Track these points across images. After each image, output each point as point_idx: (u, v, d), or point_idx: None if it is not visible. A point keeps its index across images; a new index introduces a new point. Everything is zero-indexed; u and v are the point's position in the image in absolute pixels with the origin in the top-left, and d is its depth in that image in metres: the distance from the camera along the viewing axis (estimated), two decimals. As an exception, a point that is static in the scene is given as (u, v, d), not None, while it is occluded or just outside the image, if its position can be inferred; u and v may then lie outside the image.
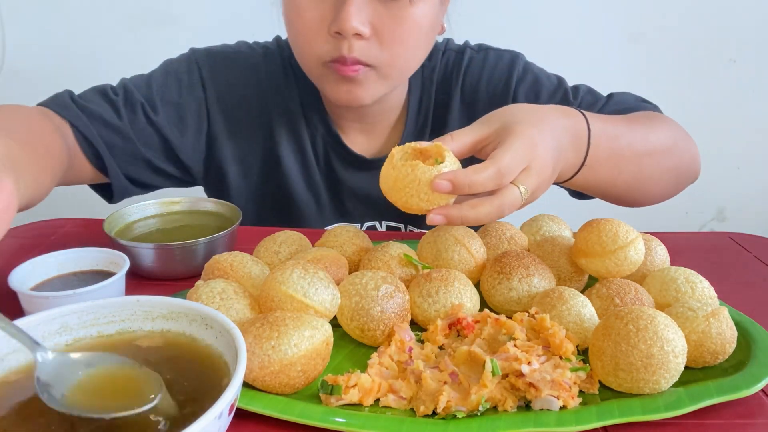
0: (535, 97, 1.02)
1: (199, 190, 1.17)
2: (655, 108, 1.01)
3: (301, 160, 1.05)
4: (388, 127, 1.05)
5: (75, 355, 0.47)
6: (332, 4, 0.82)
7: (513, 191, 0.64)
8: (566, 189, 0.95)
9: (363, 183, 1.06)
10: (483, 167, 0.62)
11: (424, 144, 0.66)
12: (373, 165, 1.05)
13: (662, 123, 0.93)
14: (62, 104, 0.90)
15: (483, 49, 1.06)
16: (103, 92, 0.95)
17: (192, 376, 0.48)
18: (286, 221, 1.07)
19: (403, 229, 1.09)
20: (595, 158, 0.79)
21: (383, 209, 1.08)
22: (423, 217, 0.66)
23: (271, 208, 1.08)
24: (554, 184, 0.81)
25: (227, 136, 1.03)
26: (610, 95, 1.03)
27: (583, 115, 0.78)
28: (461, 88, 1.04)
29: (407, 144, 0.67)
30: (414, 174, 0.62)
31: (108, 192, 0.98)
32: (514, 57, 1.05)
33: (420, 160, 0.64)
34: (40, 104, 0.91)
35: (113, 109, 0.93)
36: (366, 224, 1.09)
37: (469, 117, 1.02)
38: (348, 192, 1.07)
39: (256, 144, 1.04)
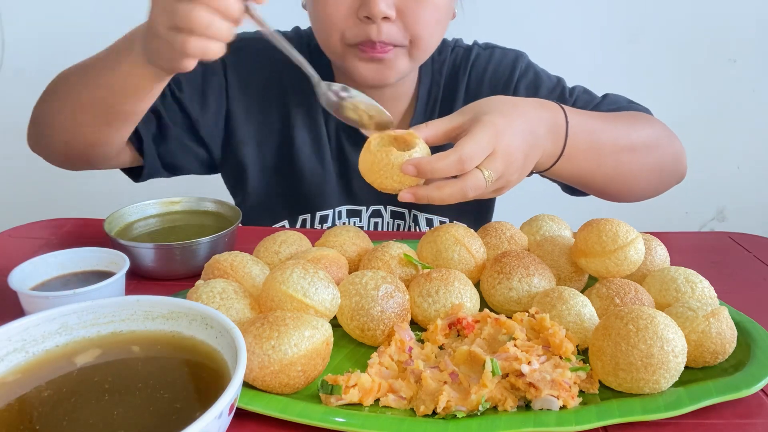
0: (534, 93, 1.07)
1: (208, 185, 1.18)
2: (646, 110, 1.05)
3: (314, 139, 1.09)
4: (398, 114, 1.10)
5: None
6: None
7: (476, 175, 0.70)
8: (558, 184, 1.00)
9: None
10: (445, 155, 0.68)
11: (399, 132, 0.73)
12: None
13: (645, 122, 0.97)
14: None
15: (490, 47, 1.13)
16: None
17: (192, 376, 0.48)
18: (294, 200, 1.10)
19: (407, 215, 1.12)
20: (574, 149, 0.83)
21: (389, 195, 1.10)
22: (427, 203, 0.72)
23: (281, 186, 1.11)
24: (536, 173, 0.86)
25: (245, 116, 1.07)
26: (605, 95, 1.07)
27: (562, 108, 0.82)
28: (467, 80, 1.10)
29: (384, 132, 0.74)
30: (387, 158, 0.69)
31: (137, 172, 1.05)
32: (518, 55, 1.11)
33: (394, 146, 0.71)
34: None
35: None
36: (371, 208, 1.12)
37: None
38: (356, 174, 1.09)
39: (272, 123, 1.08)
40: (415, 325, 0.69)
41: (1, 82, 1.80)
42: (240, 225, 0.85)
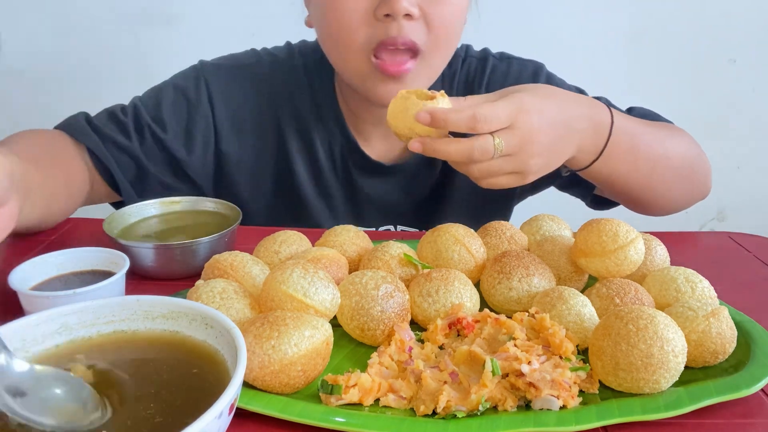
0: None
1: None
2: (672, 125, 1.05)
3: (311, 167, 1.05)
4: None
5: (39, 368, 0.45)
6: None
7: (486, 139, 0.71)
8: (584, 198, 1.00)
9: (380, 189, 1.06)
10: (460, 109, 0.70)
11: (432, 92, 0.74)
12: (391, 171, 1.05)
13: (680, 135, 0.99)
14: (79, 129, 0.95)
15: (505, 58, 1.07)
16: (113, 114, 0.98)
17: (192, 376, 0.48)
18: (296, 225, 1.08)
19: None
20: (614, 149, 0.84)
21: (399, 215, 1.09)
22: (437, 221, 0.74)
23: (284, 216, 1.08)
24: (574, 171, 0.87)
25: (238, 150, 1.03)
26: (630, 109, 1.05)
27: (609, 108, 0.83)
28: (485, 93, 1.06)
29: (417, 89, 0.76)
30: (405, 104, 0.72)
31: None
32: (537, 67, 1.06)
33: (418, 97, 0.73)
34: (57, 127, 0.96)
35: (123, 132, 0.97)
36: (381, 229, 1.09)
37: None
38: (364, 198, 1.06)
39: (267, 155, 1.04)
40: (415, 325, 0.69)
41: (1, 82, 1.80)
42: (240, 225, 0.85)
